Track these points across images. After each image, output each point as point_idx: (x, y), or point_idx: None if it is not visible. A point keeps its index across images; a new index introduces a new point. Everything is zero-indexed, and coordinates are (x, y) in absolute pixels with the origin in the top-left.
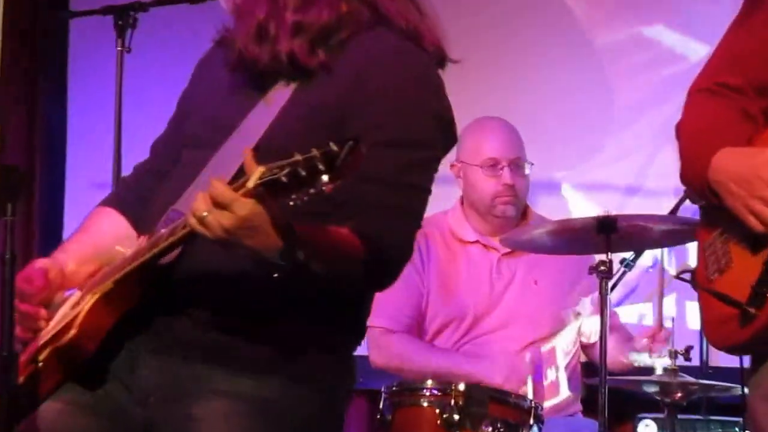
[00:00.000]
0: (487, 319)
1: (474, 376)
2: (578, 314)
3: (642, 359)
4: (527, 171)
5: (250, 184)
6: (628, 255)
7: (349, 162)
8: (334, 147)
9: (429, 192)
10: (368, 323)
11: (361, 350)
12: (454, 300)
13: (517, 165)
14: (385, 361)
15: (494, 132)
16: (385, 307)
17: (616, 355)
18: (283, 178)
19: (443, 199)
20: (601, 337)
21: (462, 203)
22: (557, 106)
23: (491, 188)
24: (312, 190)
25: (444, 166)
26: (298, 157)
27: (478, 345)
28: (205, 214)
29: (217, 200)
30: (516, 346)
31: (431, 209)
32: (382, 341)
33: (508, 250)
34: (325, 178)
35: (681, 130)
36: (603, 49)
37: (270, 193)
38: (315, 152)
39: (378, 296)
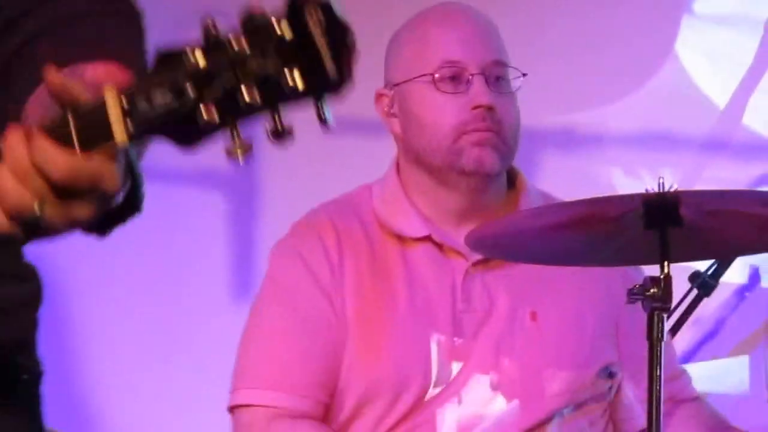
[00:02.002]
0: (451, 387)
1: None
2: (612, 375)
3: None
4: (514, 86)
5: None
6: (705, 266)
7: None
8: None
9: None
10: (239, 399)
11: None
12: (387, 353)
13: (495, 74)
14: None
15: (451, 21)
16: (276, 369)
17: None
18: None
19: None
20: (650, 420)
21: (398, 169)
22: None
23: (453, 116)
24: None
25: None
26: None
27: None
28: None
29: None
30: None
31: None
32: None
33: (482, 256)
34: None
35: None
36: None
37: None
38: None
39: (258, 350)
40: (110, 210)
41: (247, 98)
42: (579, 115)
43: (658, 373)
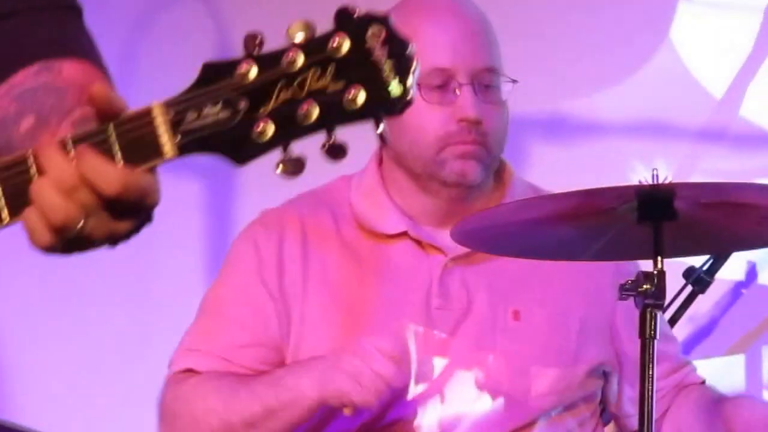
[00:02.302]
0: (429, 385)
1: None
2: (605, 374)
3: None
4: (503, 95)
5: None
6: (700, 262)
7: None
8: None
9: None
10: (169, 368)
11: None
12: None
13: (485, 82)
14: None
15: (443, 20)
16: (203, 336)
17: None
18: None
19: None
20: (641, 417)
21: (379, 163)
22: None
23: (438, 126)
24: None
25: None
26: None
27: None
28: None
29: None
30: None
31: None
32: (168, 395)
33: (463, 250)
34: None
35: None
36: None
37: None
38: None
39: (195, 324)
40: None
41: (305, 115)
42: (570, 104)
43: (650, 372)
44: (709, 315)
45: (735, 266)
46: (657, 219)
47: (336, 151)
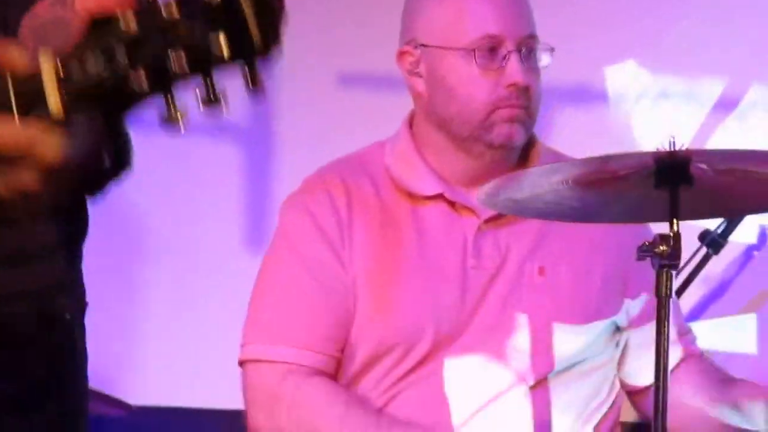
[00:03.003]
0: (458, 341)
1: None
2: (619, 330)
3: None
4: (546, 59)
5: None
6: (715, 225)
7: None
8: None
9: None
10: (249, 353)
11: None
12: (399, 308)
13: (529, 50)
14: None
15: None
16: (287, 324)
17: (698, 409)
18: None
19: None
20: (658, 377)
21: (411, 126)
22: None
23: (489, 91)
24: None
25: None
26: None
27: (434, 386)
28: None
29: None
30: (505, 387)
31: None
32: (288, 389)
33: (494, 213)
34: None
35: None
36: None
37: None
38: None
39: (269, 305)
40: (100, 169)
41: (175, 64)
42: (592, 72)
43: (665, 329)
44: (722, 276)
45: (748, 230)
46: (673, 184)
47: (212, 102)
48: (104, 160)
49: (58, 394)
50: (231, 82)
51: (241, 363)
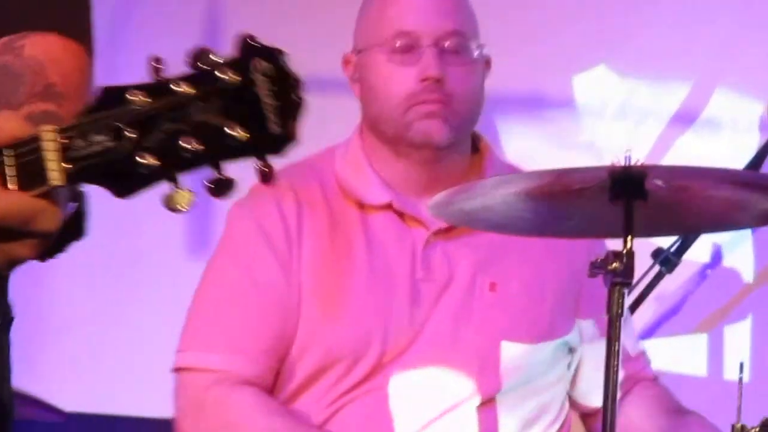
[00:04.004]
0: (405, 355)
1: None
2: (571, 350)
3: None
4: (474, 55)
5: None
6: (669, 243)
7: None
8: None
9: None
10: (182, 361)
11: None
12: (347, 317)
13: (451, 45)
14: None
15: None
16: (222, 332)
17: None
18: None
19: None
20: (607, 397)
21: (361, 132)
22: None
23: (402, 86)
24: None
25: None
26: None
27: (379, 402)
28: None
29: None
30: (452, 405)
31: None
32: (214, 398)
33: (444, 225)
34: None
35: None
36: None
37: None
38: None
39: (207, 312)
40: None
41: (187, 147)
42: (547, 83)
43: (616, 349)
44: (675, 295)
45: (701, 248)
46: (628, 199)
47: (220, 187)
48: (84, 227)
49: None
50: None
51: (175, 370)
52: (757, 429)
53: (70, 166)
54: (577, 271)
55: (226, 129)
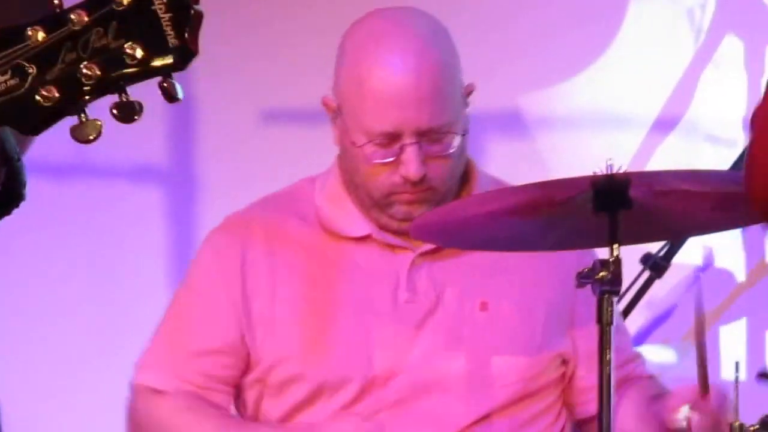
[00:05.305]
0: (393, 382)
1: None
2: (565, 363)
3: None
4: (455, 144)
5: None
6: (657, 248)
7: None
8: None
9: None
10: (133, 378)
11: None
12: (328, 351)
13: (432, 139)
14: None
15: (391, 79)
16: (165, 351)
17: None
18: None
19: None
20: (600, 403)
21: (341, 164)
22: None
23: (383, 181)
24: None
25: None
26: None
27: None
28: None
29: None
30: (446, 425)
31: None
32: (145, 405)
33: (431, 246)
34: None
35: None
36: None
37: None
38: None
39: (159, 333)
40: None
41: (88, 75)
42: (526, 98)
43: (608, 357)
44: (666, 300)
45: (692, 251)
46: (612, 208)
47: (125, 111)
48: (19, 192)
49: None
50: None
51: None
52: (757, 427)
53: None
54: (568, 286)
55: (126, 50)
